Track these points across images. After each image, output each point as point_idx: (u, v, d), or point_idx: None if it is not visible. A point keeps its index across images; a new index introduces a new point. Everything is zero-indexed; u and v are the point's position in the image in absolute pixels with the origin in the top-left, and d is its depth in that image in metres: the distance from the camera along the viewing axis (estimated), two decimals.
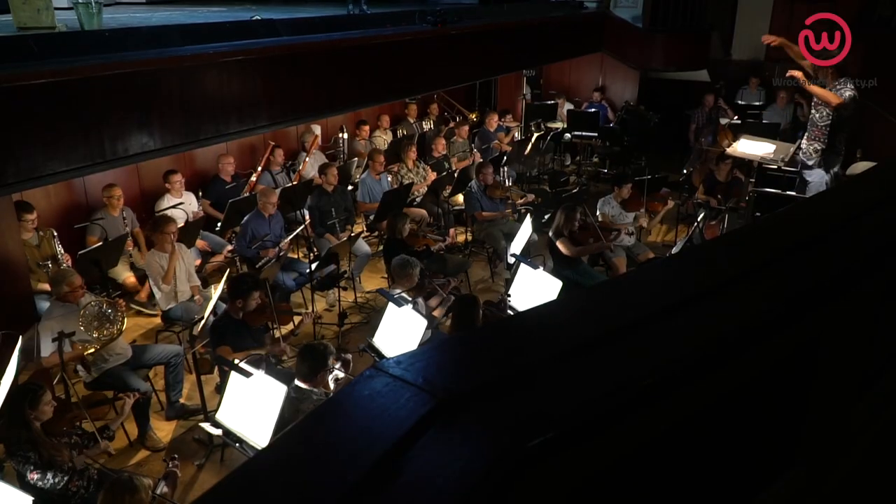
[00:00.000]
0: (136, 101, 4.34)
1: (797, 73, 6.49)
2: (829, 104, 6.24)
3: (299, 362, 4.07)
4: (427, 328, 4.50)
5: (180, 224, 6.04)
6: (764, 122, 10.00)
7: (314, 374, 4.00)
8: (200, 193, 7.33)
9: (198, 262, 6.31)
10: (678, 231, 8.16)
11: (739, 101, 11.20)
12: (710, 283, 1.42)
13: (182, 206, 6.73)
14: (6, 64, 3.86)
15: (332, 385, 4.14)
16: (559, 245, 6.21)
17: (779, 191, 7.00)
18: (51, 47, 4.18)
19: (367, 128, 9.31)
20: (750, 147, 7.14)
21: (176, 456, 3.87)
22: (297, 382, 3.99)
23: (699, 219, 6.63)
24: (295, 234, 6.60)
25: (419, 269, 5.29)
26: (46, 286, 5.48)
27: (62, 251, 5.84)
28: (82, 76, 4.04)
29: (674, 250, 6.67)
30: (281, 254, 6.33)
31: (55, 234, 5.86)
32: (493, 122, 10.15)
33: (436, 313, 5.38)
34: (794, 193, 6.80)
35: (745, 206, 7.38)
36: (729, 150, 7.41)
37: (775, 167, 7.12)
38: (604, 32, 11.22)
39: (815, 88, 6.35)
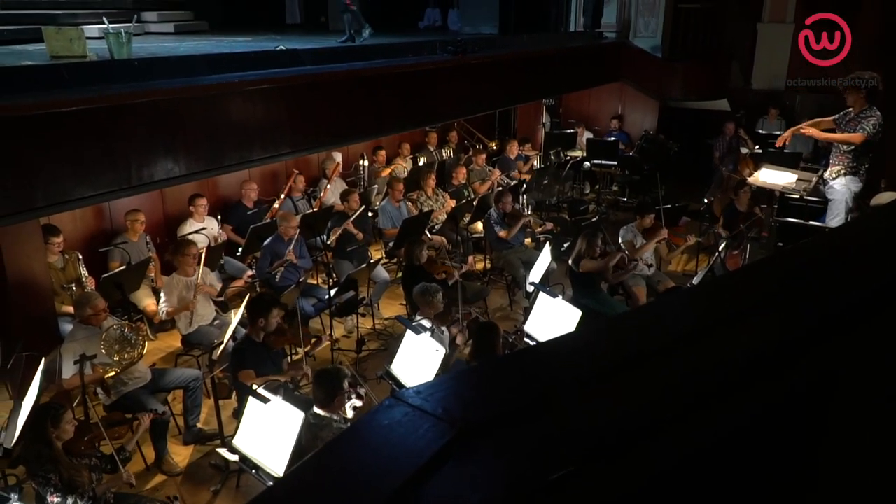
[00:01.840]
0: (163, 128, 4.43)
1: (812, 132, 6.48)
2: (855, 144, 6.16)
3: (315, 389, 4.08)
4: (447, 355, 4.49)
5: (202, 248, 6.11)
6: (785, 151, 9.94)
7: (331, 398, 3.99)
8: (220, 217, 7.40)
9: (220, 285, 6.37)
10: (699, 260, 8.10)
11: (760, 131, 11.15)
12: (731, 314, 1.41)
13: (204, 230, 6.82)
14: (39, 92, 3.96)
15: (350, 413, 4.14)
16: (584, 265, 6.18)
17: (801, 220, 6.94)
18: (82, 76, 4.28)
19: (383, 153, 9.40)
20: (771, 176, 7.10)
21: (178, 497, 3.87)
22: (315, 409, 3.98)
23: (720, 248, 6.58)
24: (294, 240, 6.56)
25: (441, 295, 5.28)
26: (70, 308, 5.55)
27: (86, 274, 5.93)
28: (111, 104, 4.13)
29: (695, 280, 6.62)
30: (299, 278, 6.37)
31: (80, 257, 5.96)
32: (514, 149, 10.19)
33: (458, 341, 5.37)
34: (816, 223, 6.73)
35: (767, 235, 7.31)
36: (750, 180, 7.37)
37: (797, 197, 7.07)
38: (623, 62, 11.29)
39: (834, 137, 6.31)
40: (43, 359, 4.41)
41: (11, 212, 3.76)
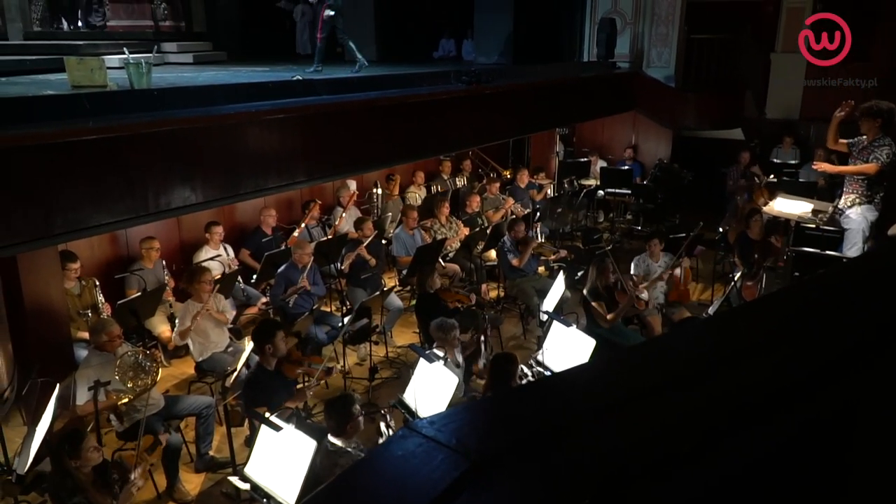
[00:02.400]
0: (181, 157, 4.48)
1: (825, 166, 6.47)
2: (869, 174, 6.14)
3: (326, 418, 4.07)
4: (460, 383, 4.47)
5: (216, 275, 6.15)
6: (800, 180, 9.90)
7: (343, 426, 3.98)
8: (226, 246, 7.43)
9: (233, 312, 6.39)
10: (714, 290, 8.04)
11: (774, 160, 11.13)
12: (747, 345, 1.40)
13: (219, 258, 6.87)
14: (61, 120, 4.03)
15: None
16: (595, 308, 6.15)
17: (818, 250, 6.88)
18: (102, 105, 4.36)
19: (395, 183, 9.45)
20: (787, 206, 7.06)
21: None
22: (330, 439, 3.96)
23: (736, 278, 6.53)
24: (308, 268, 6.60)
25: (458, 331, 5.25)
26: (85, 334, 5.59)
27: (103, 300, 5.97)
28: (130, 132, 4.19)
29: (710, 310, 6.56)
30: (313, 305, 6.38)
31: (97, 283, 6.01)
32: (524, 178, 10.20)
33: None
34: (833, 253, 6.68)
35: (783, 265, 7.25)
36: (766, 209, 7.33)
37: (813, 226, 7.02)
38: (636, 91, 11.34)
39: (846, 169, 6.30)
40: (57, 385, 4.42)
41: (31, 238, 3.80)
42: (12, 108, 3.95)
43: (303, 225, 7.82)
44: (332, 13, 6.91)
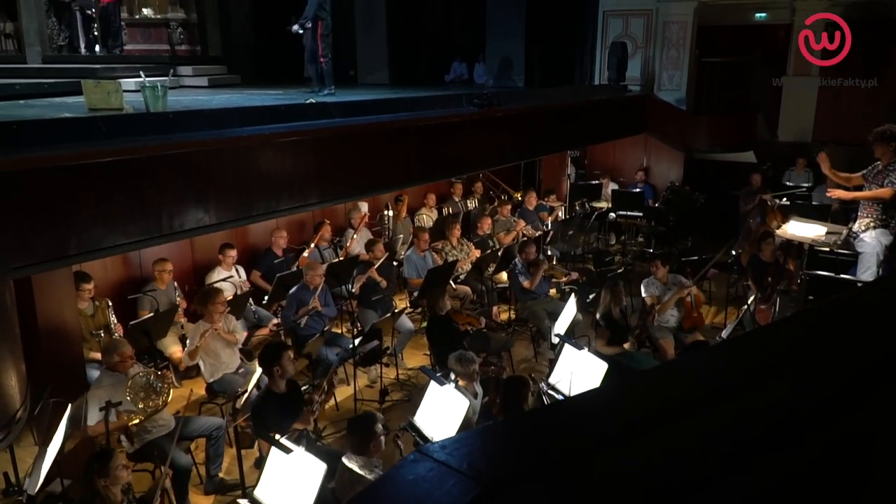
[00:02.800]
0: (194, 179, 4.52)
1: (840, 193, 6.46)
2: (885, 200, 6.11)
3: (349, 437, 4.07)
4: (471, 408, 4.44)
5: (228, 297, 6.17)
6: (813, 203, 9.85)
7: (366, 444, 3.98)
8: (238, 269, 7.46)
9: (244, 333, 6.40)
10: (728, 313, 7.97)
11: (787, 182, 11.09)
12: (761, 370, 1.39)
13: (231, 279, 6.90)
14: (77, 143, 4.08)
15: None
16: (600, 330, 6.13)
17: (832, 274, 6.82)
18: (118, 127, 4.41)
19: (403, 205, 9.48)
20: (800, 229, 7.01)
21: None
22: (345, 461, 3.94)
23: (749, 301, 6.48)
24: (320, 289, 6.61)
25: (477, 365, 5.18)
26: (97, 355, 5.61)
27: (115, 321, 6.00)
28: (144, 155, 4.24)
29: (723, 334, 6.51)
30: (324, 327, 6.38)
31: (110, 304, 6.04)
32: (533, 200, 10.18)
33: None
34: (847, 277, 6.61)
35: (796, 289, 7.19)
36: (779, 232, 7.29)
37: (827, 249, 6.97)
38: (647, 114, 11.37)
39: (861, 195, 6.29)
40: (69, 405, 4.43)
41: (46, 259, 3.83)
42: (30, 131, 4.01)
43: (312, 245, 7.85)
44: (300, 31, 7.01)
